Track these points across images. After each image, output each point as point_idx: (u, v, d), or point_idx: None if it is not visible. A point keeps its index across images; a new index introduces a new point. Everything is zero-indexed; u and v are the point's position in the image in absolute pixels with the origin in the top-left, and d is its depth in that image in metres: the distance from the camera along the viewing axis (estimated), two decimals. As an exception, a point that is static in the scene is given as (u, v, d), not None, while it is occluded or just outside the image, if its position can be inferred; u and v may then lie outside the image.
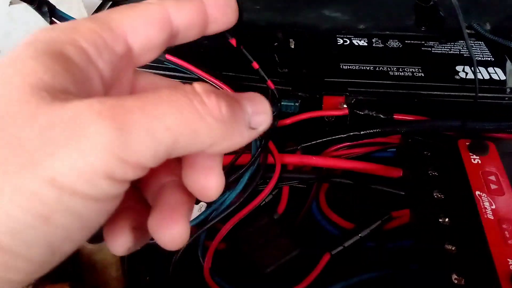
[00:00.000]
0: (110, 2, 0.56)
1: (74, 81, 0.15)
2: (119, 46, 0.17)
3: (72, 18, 0.39)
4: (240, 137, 0.17)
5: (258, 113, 0.17)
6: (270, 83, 0.38)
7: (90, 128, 0.13)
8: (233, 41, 0.32)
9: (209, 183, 0.18)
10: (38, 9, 0.37)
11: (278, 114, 0.42)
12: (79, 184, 0.13)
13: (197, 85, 0.16)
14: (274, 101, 0.40)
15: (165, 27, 0.18)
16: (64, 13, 0.38)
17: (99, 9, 0.56)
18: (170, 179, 0.19)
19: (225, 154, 0.39)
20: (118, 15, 0.17)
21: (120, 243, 0.18)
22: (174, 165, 0.19)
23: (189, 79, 0.44)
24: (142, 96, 0.14)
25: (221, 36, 0.31)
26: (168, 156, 0.15)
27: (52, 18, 0.38)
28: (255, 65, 0.35)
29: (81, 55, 0.16)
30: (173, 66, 0.44)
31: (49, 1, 0.38)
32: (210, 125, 0.15)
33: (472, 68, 0.47)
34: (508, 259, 0.29)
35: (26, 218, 0.13)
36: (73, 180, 0.13)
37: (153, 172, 0.19)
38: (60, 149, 0.13)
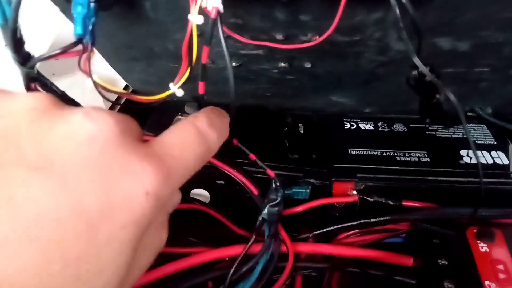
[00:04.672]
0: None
1: None
2: None
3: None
4: None
5: None
6: (269, 171, 0.39)
7: None
8: (235, 141, 0.34)
9: None
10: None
11: (288, 200, 0.43)
12: None
13: None
14: (276, 188, 0.41)
15: None
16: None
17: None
18: None
19: (237, 243, 0.40)
20: None
21: None
22: None
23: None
24: None
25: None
26: None
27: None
28: (252, 156, 0.36)
29: None
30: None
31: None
32: None
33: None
34: None
35: None
36: None
37: None
38: None
